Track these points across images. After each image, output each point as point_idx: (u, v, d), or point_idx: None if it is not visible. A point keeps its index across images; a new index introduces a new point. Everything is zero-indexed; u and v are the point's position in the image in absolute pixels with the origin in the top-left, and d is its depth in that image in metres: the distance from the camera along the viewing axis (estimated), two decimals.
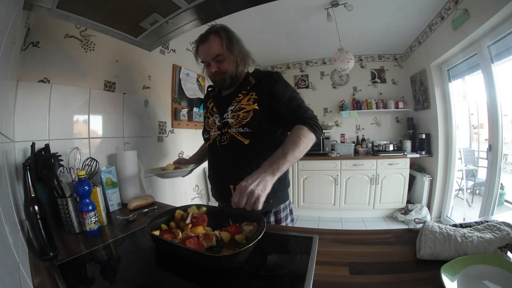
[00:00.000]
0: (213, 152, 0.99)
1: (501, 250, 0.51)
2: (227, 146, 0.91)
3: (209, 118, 1.01)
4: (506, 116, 1.92)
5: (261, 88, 0.90)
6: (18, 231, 0.64)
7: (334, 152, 3.15)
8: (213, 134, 0.96)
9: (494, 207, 1.99)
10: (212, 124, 0.98)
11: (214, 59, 0.89)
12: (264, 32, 2.63)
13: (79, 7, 0.91)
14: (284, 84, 0.92)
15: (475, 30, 1.86)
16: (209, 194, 2.47)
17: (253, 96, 0.90)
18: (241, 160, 0.91)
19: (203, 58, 0.92)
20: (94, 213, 0.81)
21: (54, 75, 1.08)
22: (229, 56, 0.90)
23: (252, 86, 0.92)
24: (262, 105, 0.89)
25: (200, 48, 0.91)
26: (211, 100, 1.04)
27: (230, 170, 0.92)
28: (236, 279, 0.54)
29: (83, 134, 1.20)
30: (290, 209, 1.02)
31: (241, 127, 0.88)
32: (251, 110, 0.89)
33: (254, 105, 0.89)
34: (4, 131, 0.70)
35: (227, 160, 0.93)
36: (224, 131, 0.92)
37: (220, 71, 0.91)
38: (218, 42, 0.88)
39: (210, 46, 0.88)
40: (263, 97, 0.89)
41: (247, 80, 0.95)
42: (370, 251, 0.62)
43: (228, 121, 0.91)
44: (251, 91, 0.92)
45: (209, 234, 0.65)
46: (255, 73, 0.97)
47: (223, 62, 0.90)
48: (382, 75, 3.53)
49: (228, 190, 0.92)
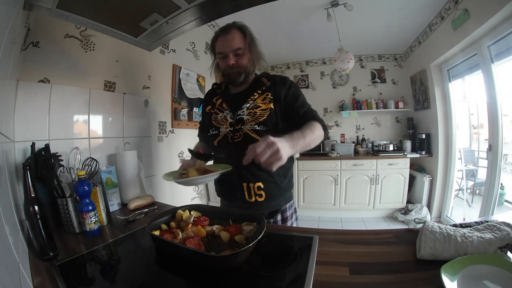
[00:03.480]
0: (223, 148, 0.97)
1: (501, 250, 0.51)
2: (240, 143, 0.90)
3: (218, 114, 0.99)
4: (506, 116, 1.92)
5: (277, 90, 0.93)
6: (18, 231, 0.64)
7: (334, 152, 3.15)
8: (223, 130, 0.95)
9: (494, 207, 1.99)
10: (222, 120, 0.97)
11: (233, 52, 0.90)
12: (264, 32, 2.63)
13: (79, 7, 0.91)
14: (297, 89, 0.97)
15: (475, 30, 1.86)
16: (209, 194, 2.47)
17: (268, 96, 0.93)
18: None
19: (222, 49, 0.91)
20: (94, 213, 0.81)
21: (54, 75, 1.08)
22: (248, 53, 0.92)
23: (267, 87, 0.95)
24: (277, 105, 0.92)
25: (221, 39, 0.91)
26: (218, 97, 1.03)
27: (244, 167, 0.91)
28: (236, 279, 0.54)
29: (83, 134, 1.20)
30: (294, 208, 1.04)
31: (257, 125, 0.89)
32: (267, 109, 0.91)
33: (270, 104, 0.92)
34: (4, 131, 0.70)
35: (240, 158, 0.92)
36: (238, 127, 0.91)
37: (238, 65, 0.92)
38: (241, 37, 0.91)
39: (233, 38, 0.89)
40: (278, 99, 0.92)
41: (260, 81, 0.97)
42: (370, 251, 0.62)
43: (243, 117, 0.92)
44: (266, 92, 0.94)
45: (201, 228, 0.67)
46: (268, 76, 0.99)
47: (241, 56, 0.91)
48: (382, 75, 3.53)
49: (241, 188, 0.92)
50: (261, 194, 0.91)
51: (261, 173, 0.91)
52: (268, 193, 0.92)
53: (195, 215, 0.77)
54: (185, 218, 0.75)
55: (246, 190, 0.92)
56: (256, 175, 0.91)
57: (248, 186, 0.91)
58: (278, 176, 0.93)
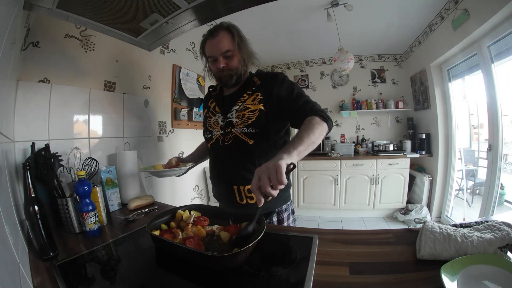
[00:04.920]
0: (215, 152, 0.98)
1: (501, 250, 0.51)
2: (230, 146, 0.90)
3: (211, 117, 1.00)
4: (506, 116, 1.92)
5: (267, 89, 0.91)
6: (18, 231, 0.64)
7: (334, 152, 3.15)
8: (215, 134, 0.95)
9: (494, 207, 1.99)
10: (214, 124, 0.97)
11: (223, 55, 0.88)
12: (264, 32, 2.63)
13: (79, 7, 0.91)
14: (290, 83, 0.92)
15: (475, 30, 1.86)
16: (209, 194, 2.47)
17: (258, 97, 0.90)
18: (245, 161, 0.90)
19: (211, 52, 0.90)
20: (94, 213, 0.81)
21: (54, 75, 1.08)
22: (237, 54, 0.90)
23: (257, 87, 0.92)
24: (268, 105, 0.89)
25: (209, 43, 0.90)
26: (212, 100, 1.03)
27: (234, 170, 0.92)
28: (236, 279, 0.54)
29: (83, 134, 1.20)
30: (292, 209, 1.02)
31: (245, 127, 0.87)
32: (256, 110, 0.88)
33: (259, 105, 0.89)
34: (4, 131, 0.70)
35: (230, 161, 0.93)
36: (228, 130, 0.91)
37: (228, 67, 0.90)
38: (229, 38, 0.88)
39: (220, 40, 0.87)
40: (269, 98, 0.89)
41: (251, 81, 0.94)
42: (370, 251, 0.62)
43: (232, 120, 0.91)
44: (256, 92, 0.92)
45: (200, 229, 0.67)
46: (260, 74, 0.97)
47: (231, 58, 0.89)
48: (382, 75, 3.53)
49: (231, 191, 0.92)
50: (252, 197, 0.89)
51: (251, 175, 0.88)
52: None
53: (195, 215, 0.77)
54: (185, 218, 0.75)
55: (237, 193, 0.91)
56: (246, 178, 0.89)
57: (239, 189, 0.91)
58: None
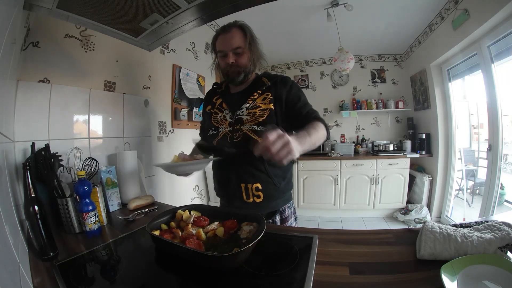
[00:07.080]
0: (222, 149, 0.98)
1: (501, 250, 0.51)
2: (239, 143, 0.90)
3: (218, 114, 1.00)
4: (506, 116, 1.92)
5: (277, 91, 0.93)
6: (18, 231, 0.64)
7: (334, 152, 3.15)
8: (222, 130, 0.95)
9: (494, 207, 1.99)
10: (221, 120, 0.97)
11: (233, 50, 0.90)
12: (264, 32, 2.62)
13: (79, 7, 0.91)
14: (298, 89, 0.96)
15: (475, 30, 1.86)
16: (209, 194, 2.47)
17: (269, 97, 0.92)
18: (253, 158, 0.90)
19: (221, 47, 0.92)
20: (94, 213, 0.81)
21: (54, 75, 1.08)
22: (247, 52, 0.92)
23: (267, 87, 0.94)
24: (277, 106, 0.91)
25: (221, 37, 0.92)
26: (218, 97, 1.03)
27: (242, 168, 0.92)
28: (236, 279, 0.54)
29: (83, 134, 1.20)
30: (294, 208, 1.04)
31: (256, 125, 0.89)
32: (267, 109, 0.90)
33: (270, 104, 0.91)
34: (4, 131, 0.70)
35: (238, 158, 0.92)
36: (237, 127, 0.91)
37: (237, 63, 0.92)
38: (242, 35, 0.91)
39: (232, 36, 0.89)
40: (278, 99, 0.92)
41: (261, 81, 0.96)
42: (370, 251, 0.62)
43: (242, 117, 0.91)
44: (267, 92, 0.94)
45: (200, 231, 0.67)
46: (269, 76, 0.99)
47: (241, 55, 0.91)
48: (382, 75, 3.53)
49: (238, 189, 0.92)
50: (259, 195, 0.91)
51: (260, 174, 0.90)
52: (266, 194, 0.91)
53: (195, 215, 0.77)
54: (185, 218, 0.75)
55: (244, 191, 0.92)
56: (255, 175, 0.90)
57: (246, 187, 0.91)
58: (276, 178, 0.92)
